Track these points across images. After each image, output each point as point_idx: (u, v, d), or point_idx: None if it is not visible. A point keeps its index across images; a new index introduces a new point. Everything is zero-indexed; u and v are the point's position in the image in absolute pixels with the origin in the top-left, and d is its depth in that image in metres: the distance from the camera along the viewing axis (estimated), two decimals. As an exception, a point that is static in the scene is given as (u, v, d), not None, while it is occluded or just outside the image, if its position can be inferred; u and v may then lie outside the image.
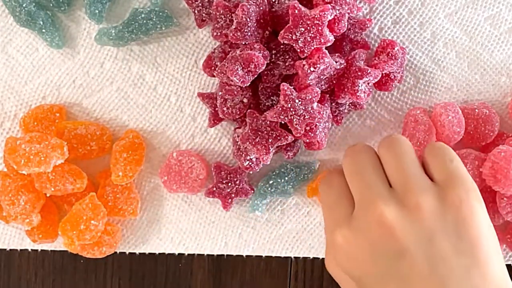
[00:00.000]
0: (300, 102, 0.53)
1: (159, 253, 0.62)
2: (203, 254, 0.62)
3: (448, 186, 0.49)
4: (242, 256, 0.62)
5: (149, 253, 0.62)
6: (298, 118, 0.53)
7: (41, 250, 0.62)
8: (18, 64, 0.60)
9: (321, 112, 0.54)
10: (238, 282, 0.63)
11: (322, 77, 0.55)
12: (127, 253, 0.62)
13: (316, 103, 0.54)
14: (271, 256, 0.62)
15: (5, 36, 0.60)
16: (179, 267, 0.63)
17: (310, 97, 0.53)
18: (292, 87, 0.54)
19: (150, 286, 0.63)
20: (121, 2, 0.59)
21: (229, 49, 0.56)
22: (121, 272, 0.63)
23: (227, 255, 0.62)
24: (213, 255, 0.62)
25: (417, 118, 0.58)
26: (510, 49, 0.60)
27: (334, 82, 0.56)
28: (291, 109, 0.53)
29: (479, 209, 0.49)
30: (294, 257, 0.62)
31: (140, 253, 0.62)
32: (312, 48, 0.54)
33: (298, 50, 0.54)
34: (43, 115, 0.59)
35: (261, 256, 0.62)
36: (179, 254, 0.62)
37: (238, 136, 0.57)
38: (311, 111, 0.53)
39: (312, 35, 0.53)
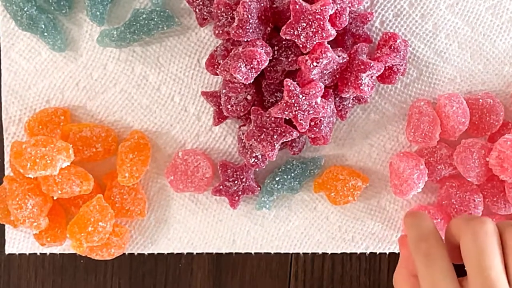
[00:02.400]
0: (304, 97, 0.53)
1: (158, 253, 0.62)
2: (203, 254, 0.62)
3: None
4: (242, 256, 0.62)
5: (149, 253, 0.62)
6: (303, 113, 0.53)
7: (41, 250, 0.62)
8: (21, 68, 0.60)
9: (325, 107, 0.54)
10: (238, 282, 0.63)
11: (325, 71, 0.55)
12: (126, 253, 0.62)
13: (319, 98, 0.54)
14: (271, 256, 0.62)
15: (7, 41, 0.60)
16: (179, 267, 0.63)
17: (313, 92, 0.53)
18: (295, 82, 0.54)
19: (150, 286, 0.63)
20: (122, 3, 0.59)
21: (232, 47, 0.56)
22: (121, 272, 0.63)
23: (227, 254, 0.62)
24: (213, 254, 0.62)
25: (421, 109, 0.58)
26: (512, 38, 0.60)
27: (337, 76, 0.56)
28: (295, 105, 0.53)
29: None
30: (294, 257, 0.62)
31: (139, 253, 0.62)
32: (314, 43, 0.54)
33: (300, 46, 0.54)
34: (48, 119, 0.59)
35: (261, 256, 0.62)
36: (178, 253, 0.62)
37: (243, 134, 0.57)
38: (315, 106, 0.53)
39: (314, 30, 0.53)
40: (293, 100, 0.53)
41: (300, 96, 0.53)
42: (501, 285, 0.48)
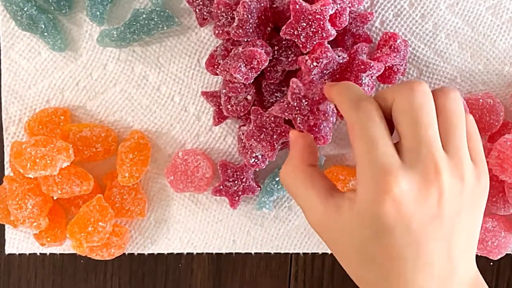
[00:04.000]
0: (306, 102, 0.53)
1: (158, 253, 0.62)
2: (203, 254, 0.62)
3: (480, 166, 0.48)
4: (242, 256, 0.62)
5: (149, 253, 0.62)
6: (302, 117, 0.53)
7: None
8: (21, 68, 0.60)
9: (326, 113, 0.53)
10: (238, 282, 0.63)
11: (325, 71, 0.55)
12: (126, 253, 0.62)
13: (322, 105, 0.53)
14: (271, 256, 0.62)
15: (7, 41, 0.60)
16: (179, 267, 0.63)
17: (317, 98, 0.53)
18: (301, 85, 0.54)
19: (150, 286, 0.63)
20: (122, 3, 0.59)
21: (232, 47, 0.56)
22: (121, 272, 0.63)
23: (227, 254, 0.62)
24: (213, 254, 0.62)
25: (421, 110, 0.58)
26: (512, 38, 0.60)
27: (337, 76, 0.56)
28: (297, 108, 0.53)
29: (487, 191, 0.49)
30: (294, 257, 0.62)
31: (139, 253, 0.62)
32: (314, 43, 0.54)
33: (300, 46, 0.54)
34: (48, 119, 0.59)
35: (261, 256, 0.62)
36: (178, 254, 0.62)
37: (243, 134, 0.57)
38: (316, 112, 0.53)
39: (314, 30, 0.53)
40: (296, 103, 0.53)
41: (303, 100, 0.53)
42: (438, 142, 0.46)
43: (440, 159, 0.45)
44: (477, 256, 0.62)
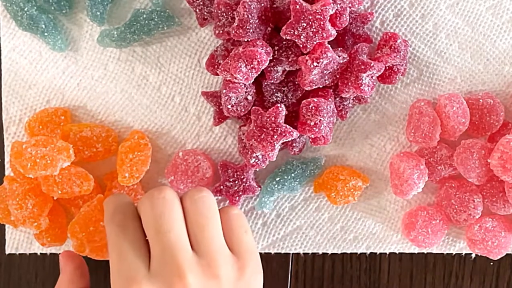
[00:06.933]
0: (267, 118, 0.55)
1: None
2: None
3: (244, 258, 0.50)
4: (241, 256, 0.62)
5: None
6: (267, 132, 0.55)
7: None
8: (22, 68, 0.60)
9: (289, 131, 0.54)
10: (237, 282, 0.63)
11: (325, 71, 0.55)
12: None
13: (282, 119, 0.55)
14: (271, 256, 0.62)
15: (8, 41, 0.60)
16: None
17: (274, 113, 0.54)
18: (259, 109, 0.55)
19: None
20: (123, 3, 0.59)
21: (232, 47, 0.56)
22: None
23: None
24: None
25: (421, 110, 0.58)
26: (512, 38, 0.60)
27: (338, 76, 0.56)
28: (264, 129, 0.55)
29: (261, 279, 0.52)
30: (295, 257, 0.62)
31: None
32: (315, 43, 0.54)
33: (301, 46, 0.54)
34: (48, 119, 0.59)
35: (261, 256, 0.62)
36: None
37: (243, 134, 0.57)
38: (278, 126, 0.55)
39: (314, 30, 0.53)
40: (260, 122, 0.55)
41: (265, 117, 0.54)
42: (182, 246, 0.48)
43: (185, 262, 0.47)
44: (477, 256, 0.62)
